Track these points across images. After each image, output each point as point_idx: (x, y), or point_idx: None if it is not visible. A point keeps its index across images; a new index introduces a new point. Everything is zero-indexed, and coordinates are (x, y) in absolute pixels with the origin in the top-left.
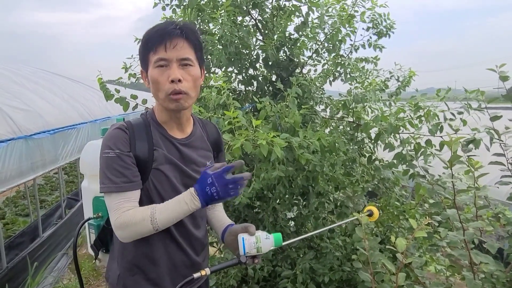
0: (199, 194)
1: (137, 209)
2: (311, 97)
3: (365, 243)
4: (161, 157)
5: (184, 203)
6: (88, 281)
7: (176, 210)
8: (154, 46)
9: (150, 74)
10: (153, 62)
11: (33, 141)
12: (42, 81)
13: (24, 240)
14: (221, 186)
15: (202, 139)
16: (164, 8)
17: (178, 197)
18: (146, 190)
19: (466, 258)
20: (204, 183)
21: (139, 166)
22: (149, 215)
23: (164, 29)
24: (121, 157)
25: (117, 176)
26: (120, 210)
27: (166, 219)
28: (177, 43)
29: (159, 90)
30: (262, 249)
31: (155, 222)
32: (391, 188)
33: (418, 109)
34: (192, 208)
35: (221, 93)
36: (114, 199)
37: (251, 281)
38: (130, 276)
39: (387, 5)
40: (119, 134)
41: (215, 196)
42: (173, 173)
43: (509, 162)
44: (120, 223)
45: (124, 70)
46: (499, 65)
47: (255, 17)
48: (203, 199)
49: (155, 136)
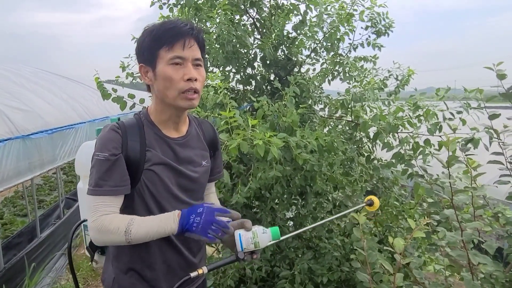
0: (182, 217)
1: (116, 217)
2: (309, 96)
3: (363, 243)
4: (153, 157)
5: (163, 222)
6: (87, 281)
7: (153, 228)
8: (170, 43)
9: (163, 70)
10: (168, 59)
11: (31, 141)
12: (42, 81)
13: (22, 241)
14: (205, 221)
15: (198, 138)
16: (161, 7)
17: (160, 215)
18: (138, 191)
19: (465, 259)
20: (194, 210)
21: (131, 167)
22: (125, 225)
23: (181, 28)
24: (110, 160)
25: (103, 180)
26: (98, 212)
27: (141, 235)
28: (193, 44)
29: (171, 87)
30: (259, 244)
31: (128, 235)
32: (390, 188)
33: (417, 108)
34: (167, 230)
35: (218, 92)
36: (95, 201)
37: (249, 281)
38: (126, 279)
39: (386, 5)
40: (110, 135)
41: (194, 226)
42: (166, 173)
43: (508, 161)
44: (95, 226)
45: (122, 69)
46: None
47: (252, 16)
48: (182, 224)
49: (149, 137)
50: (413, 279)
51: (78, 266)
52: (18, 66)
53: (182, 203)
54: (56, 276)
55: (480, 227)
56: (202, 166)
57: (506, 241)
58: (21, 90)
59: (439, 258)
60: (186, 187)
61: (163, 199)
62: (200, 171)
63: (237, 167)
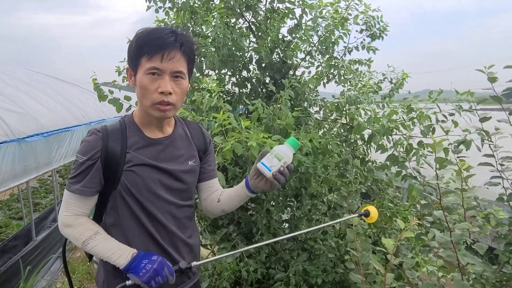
0: (135, 257)
1: (85, 223)
2: (304, 99)
3: (357, 244)
4: (134, 159)
5: (117, 252)
6: (82, 284)
7: (106, 253)
8: (150, 53)
9: (140, 80)
10: (146, 69)
11: (26, 144)
12: (37, 84)
13: (17, 244)
14: (154, 271)
15: (185, 139)
16: (157, 11)
17: (122, 245)
18: (120, 192)
19: (455, 259)
20: (151, 256)
21: (110, 168)
22: (86, 237)
23: (164, 39)
24: (85, 164)
25: (78, 181)
26: (71, 211)
27: (95, 252)
28: (174, 56)
29: (146, 97)
30: (281, 155)
31: (85, 247)
32: (384, 190)
33: (411, 111)
34: (116, 261)
35: (212, 95)
36: (70, 198)
37: (244, 283)
38: (113, 280)
39: (379, 9)
40: (90, 139)
41: (142, 272)
42: (148, 173)
43: (498, 163)
44: (66, 221)
45: (118, 73)
46: (488, 66)
47: (248, 19)
48: (129, 264)
49: (131, 139)
50: (406, 280)
51: (73, 269)
52: (13, 69)
53: (168, 203)
54: (51, 279)
55: (469, 228)
56: (188, 166)
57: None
58: (16, 92)
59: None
60: (170, 186)
61: (146, 200)
62: (185, 170)
63: (232, 170)
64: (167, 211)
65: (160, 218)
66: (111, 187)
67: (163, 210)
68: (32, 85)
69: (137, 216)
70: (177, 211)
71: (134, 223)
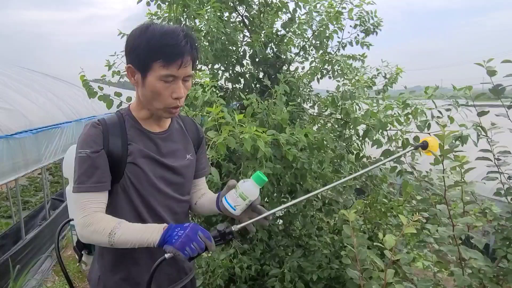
0: (167, 229)
1: (105, 217)
2: (298, 94)
3: (353, 239)
4: (136, 151)
5: (148, 231)
6: (74, 283)
7: (137, 235)
8: (167, 61)
9: (153, 84)
10: (161, 75)
11: (15, 141)
12: (26, 80)
13: (6, 243)
14: (187, 236)
15: (181, 132)
16: (149, 4)
17: (148, 224)
18: (123, 186)
19: (455, 254)
20: (182, 225)
21: (114, 162)
22: (111, 227)
23: (181, 47)
24: (91, 157)
25: (86, 176)
26: (88, 209)
27: (124, 240)
28: (188, 62)
29: (158, 100)
30: (245, 194)
31: (112, 238)
32: (378, 185)
33: (406, 106)
34: (149, 240)
35: (206, 90)
36: (82, 198)
37: (238, 280)
38: (111, 276)
39: (374, 2)
40: (91, 132)
41: (174, 239)
42: (149, 166)
43: (495, 158)
44: (83, 222)
45: (108, 67)
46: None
47: (241, 13)
48: (164, 236)
49: (130, 132)
50: (402, 275)
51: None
52: (1, 65)
53: (168, 198)
54: (41, 279)
55: (471, 223)
56: (186, 159)
57: (494, 237)
58: (4, 89)
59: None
60: (170, 180)
61: (148, 194)
62: (185, 164)
63: (226, 165)
64: (167, 205)
65: (160, 213)
66: (113, 181)
67: (163, 204)
68: (21, 81)
69: (138, 210)
70: (177, 206)
71: (133, 216)
